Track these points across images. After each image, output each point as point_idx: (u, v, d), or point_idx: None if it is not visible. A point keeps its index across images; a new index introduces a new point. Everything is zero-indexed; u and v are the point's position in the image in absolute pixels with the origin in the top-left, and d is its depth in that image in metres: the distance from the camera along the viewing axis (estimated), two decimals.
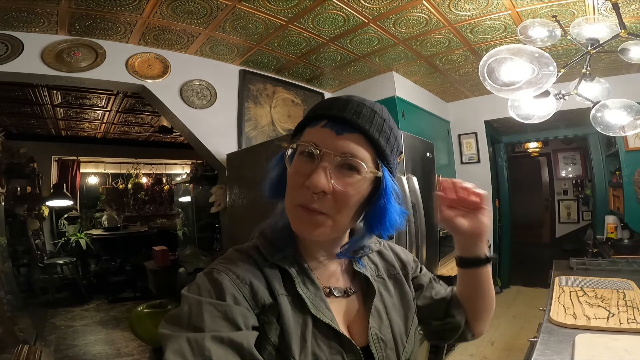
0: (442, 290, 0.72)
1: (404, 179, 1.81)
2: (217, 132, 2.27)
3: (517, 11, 1.94)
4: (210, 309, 0.46)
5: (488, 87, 1.17)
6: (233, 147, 2.27)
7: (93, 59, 1.91)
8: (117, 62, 1.98)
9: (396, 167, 0.59)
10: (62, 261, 4.58)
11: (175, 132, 4.26)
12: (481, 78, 1.15)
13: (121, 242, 5.26)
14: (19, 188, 4.44)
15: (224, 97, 2.39)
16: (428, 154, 2.19)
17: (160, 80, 2.13)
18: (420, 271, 0.73)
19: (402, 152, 0.62)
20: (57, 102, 3.55)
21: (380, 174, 0.54)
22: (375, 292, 0.61)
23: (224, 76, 2.44)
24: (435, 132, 3.47)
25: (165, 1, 1.70)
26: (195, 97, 2.26)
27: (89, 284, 4.77)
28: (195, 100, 2.25)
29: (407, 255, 0.74)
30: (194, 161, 6.14)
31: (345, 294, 0.60)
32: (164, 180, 6.84)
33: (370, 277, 0.63)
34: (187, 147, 6.20)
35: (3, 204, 3.45)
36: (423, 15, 2.00)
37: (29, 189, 4.60)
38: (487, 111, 3.65)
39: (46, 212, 4.95)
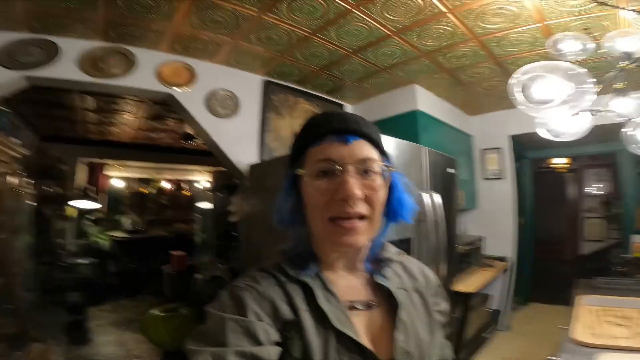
0: (446, 347, 0.67)
1: (425, 195, 1.78)
2: (239, 142, 2.30)
3: (546, 24, 1.90)
4: (233, 325, 0.48)
5: (519, 105, 1.13)
6: (254, 158, 2.29)
7: (126, 66, 1.98)
8: (147, 70, 2.05)
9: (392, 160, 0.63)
10: (82, 261, 4.71)
11: (198, 139, 4.36)
12: (511, 95, 1.12)
13: (141, 245, 5.39)
14: (48, 189, 4.63)
15: (247, 107, 2.42)
16: (450, 170, 2.15)
17: (186, 88, 2.18)
18: (441, 305, 0.70)
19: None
20: (89, 107, 3.70)
21: (391, 168, 0.59)
22: (400, 304, 0.60)
23: (248, 86, 2.48)
24: (457, 146, 3.40)
25: (193, 10, 1.76)
26: (220, 107, 2.30)
27: (107, 285, 4.85)
28: (220, 110, 2.29)
29: (432, 275, 0.72)
30: (214, 168, 6.28)
31: (368, 307, 0.60)
32: (184, 186, 6.99)
33: (393, 289, 0.62)
34: (207, 154, 6.28)
35: (33, 203, 3.59)
36: (448, 28, 1.98)
37: (57, 190, 4.80)
38: (513, 125, 3.55)
39: (72, 213, 5.14)
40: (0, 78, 1.66)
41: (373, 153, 0.58)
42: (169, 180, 6.82)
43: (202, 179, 6.89)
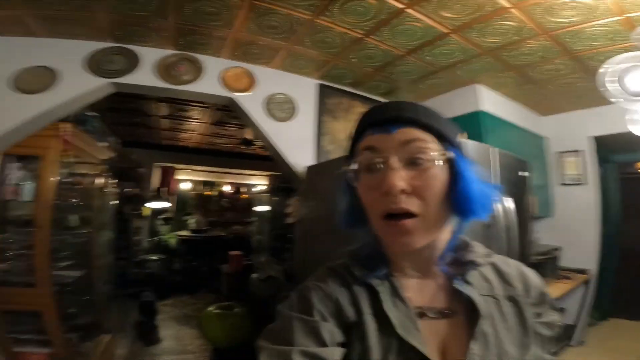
0: None
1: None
2: (296, 145, 2.34)
3: (628, 17, 1.67)
4: (299, 324, 0.49)
5: (612, 98, 0.99)
6: (310, 161, 2.31)
7: (194, 73, 2.13)
8: (212, 76, 2.18)
9: (463, 147, 0.55)
10: (153, 258, 5.14)
11: (255, 144, 4.55)
12: (601, 87, 0.99)
13: (203, 244, 5.75)
14: (127, 190, 5.18)
15: (303, 111, 2.46)
16: (522, 173, 1.98)
17: (247, 93, 2.28)
18: (547, 315, 0.59)
19: (462, 132, 0.58)
20: (162, 114, 4.07)
21: (449, 154, 0.51)
22: (483, 314, 0.51)
23: (303, 90, 2.52)
24: (527, 149, 3.10)
25: (251, 17, 1.84)
26: (278, 110, 2.37)
27: (171, 281, 5.18)
28: (278, 113, 2.36)
29: (535, 280, 0.60)
30: (270, 173, 6.52)
31: (443, 315, 0.54)
32: (243, 190, 7.35)
33: (476, 296, 0.53)
34: (264, 159, 6.59)
35: (115, 202, 4.01)
36: (512, 23, 1.84)
37: (135, 190, 5.34)
38: (595, 126, 3.15)
39: (147, 212, 5.67)
40: (90, 85, 1.89)
41: (422, 135, 0.51)
42: (230, 184, 7.21)
43: (259, 183, 7.19)
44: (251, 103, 2.29)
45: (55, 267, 2.38)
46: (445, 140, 0.52)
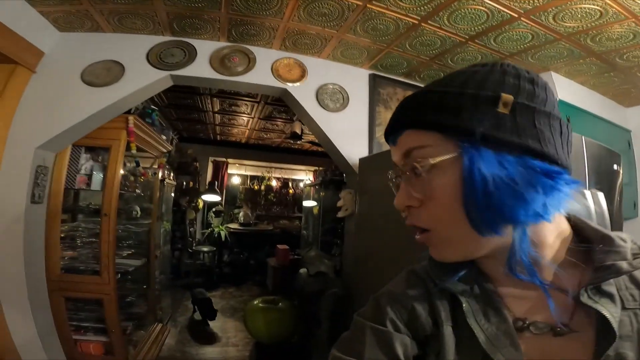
0: None
1: (587, 193, 1.43)
2: (349, 136, 2.27)
3: None
4: (371, 335, 0.45)
5: None
6: (364, 152, 2.23)
7: (247, 64, 2.14)
8: (264, 67, 2.17)
9: (501, 126, 0.39)
10: (205, 249, 5.32)
11: (303, 139, 4.54)
12: None
13: (251, 237, 5.89)
14: (184, 183, 5.46)
15: (356, 101, 2.39)
16: (615, 167, 1.73)
17: (299, 84, 2.25)
18: None
19: (508, 94, 0.39)
20: (216, 109, 4.21)
21: (451, 155, 0.40)
22: (618, 335, 0.37)
23: (355, 80, 2.44)
24: (610, 142, 2.72)
25: (302, 5, 1.79)
26: (330, 101, 2.32)
27: (220, 273, 5.36)
28: (330, 104, 2.30)
29: None
30: (317, 168, 6.51)
31: (553, 330, 0.41)
32: (290, 185, 7.43)
33: (610, 311, 0.38)
34: (311, 154, 6.66)
35: (172, 194, 4.24)
36: (595, 7, 1.60)
37: (191, 184, 5.60)
38: None
39: (201, 205, 5.94)
40: (152, 78, 1.96)
41: (420, 143, 0.42)
42: (277, 179, 7.34)
43: (306, 178, 7.22)
44: (303, 94, 2.25)
45: (118, 256, 2.52)
46: (455, 132, 0.40)
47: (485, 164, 0.38)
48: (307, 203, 4.36)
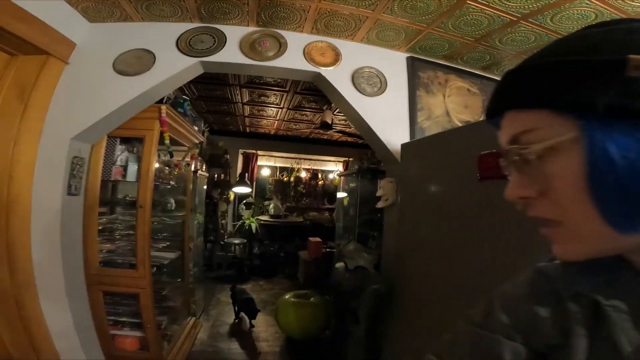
0: None
1: None
2: (388, 121, 2.13)
3: None
4: (475, 341, 0.43)
5: None
6: (405, 138, 2.09)
7: (277, 49, 2.05)
8: (296, 51, 2.08)
9: (635, 93, 0.30)
10: (236, 241, 5.36)
11: (334, 128, 4.40)
12: None
13: (281, 229, 5.87)
14: (215, 175, 5.50)
15: (394, 85, 2.23)
16: None
17: (332, 68, 2.13)
18: None
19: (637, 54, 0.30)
20: (245, 100, 4.17)
21: (570, 134, 0.32)
22: None
23: (392, 63, 2.28)
24: None
25: None
26: (366, 85, 2.18)
27: (251, 265, 5.35)
28: (367, 88, 2.16)
29: None
30: (346, 159, 6.37)
31: None
32: (319, 176, 7.36)
33: None
34: (340, 144, 6.54)
35: (205, 187, 4.25)
36: None
37: (222, 176, 5.65)
38: None
39: (232, 197, 5.99)
40: (183, 65, 1.92)
41: (528, 126, 0.35)
42: (306, 170, 7.28)
43: (336, 169, 7.11)
44: (338, 78, 2.12)
45: (154, 249, 2.50)
46: (574, 107, 0.32)
47: (616, 144, 0.30)
48: (342, 192, 4.22)
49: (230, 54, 1.96)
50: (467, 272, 1.27)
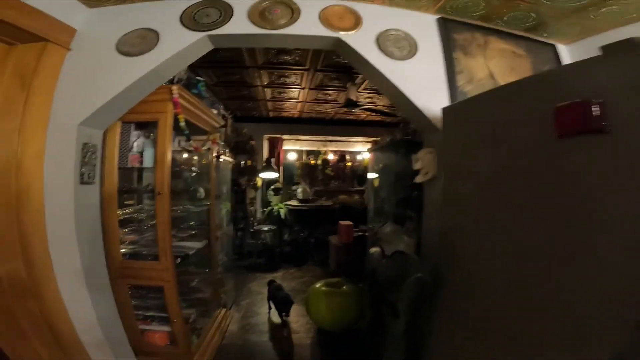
0: None
1: None
2: (424, 86, 1.86)
3: None
4: None
5: None
6: (444, 103, 1.81)
7: (290, 15, 1.85)
8: (311, 17, 1.86)
9: None
10: (266, 228, 5.27)
11: (360, 106, 4.13)
12: None
13: (310, 214, 5.70)
14: (242, 162, 5.43)
15: (425, 48, 1.95)
16: None
17: (353, 32, 1.88)
18: None
19: None
20: (265, 83, 3.99)
21: None
22: None
23: (420, 26, 2.00)
24: None
25: None
26: (394, 48, 1.91)
27: (281, 252, 5.20)
28: (395, 51, 1.90)
29: None
30: (375, 138, 6.06)
31: None
32: (347, 157, 7.11)
33: None
34: (367, 124, 6.22)
35: (231, 174, 4.16)
36: None
37: (249, 162, 5.57)
38: None
39: (259, 183, 5.92)
40: (188, 41, 1.76)
41: None
42: (333, 152, 7.07)
43: (364, 150, 6.84)
44: (361, 42, 1.88)
45: (179, 238, 2.42)
46: None
47: None
48: (372, 175, 3.94)
49: (239, 25, 1.78)
50: (538, 256, 1.03)
